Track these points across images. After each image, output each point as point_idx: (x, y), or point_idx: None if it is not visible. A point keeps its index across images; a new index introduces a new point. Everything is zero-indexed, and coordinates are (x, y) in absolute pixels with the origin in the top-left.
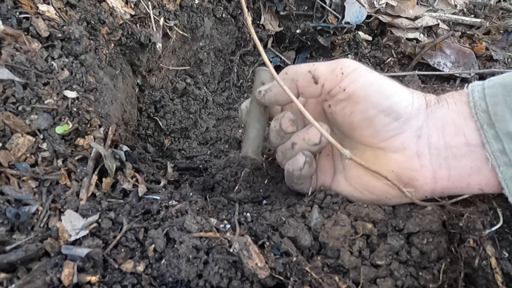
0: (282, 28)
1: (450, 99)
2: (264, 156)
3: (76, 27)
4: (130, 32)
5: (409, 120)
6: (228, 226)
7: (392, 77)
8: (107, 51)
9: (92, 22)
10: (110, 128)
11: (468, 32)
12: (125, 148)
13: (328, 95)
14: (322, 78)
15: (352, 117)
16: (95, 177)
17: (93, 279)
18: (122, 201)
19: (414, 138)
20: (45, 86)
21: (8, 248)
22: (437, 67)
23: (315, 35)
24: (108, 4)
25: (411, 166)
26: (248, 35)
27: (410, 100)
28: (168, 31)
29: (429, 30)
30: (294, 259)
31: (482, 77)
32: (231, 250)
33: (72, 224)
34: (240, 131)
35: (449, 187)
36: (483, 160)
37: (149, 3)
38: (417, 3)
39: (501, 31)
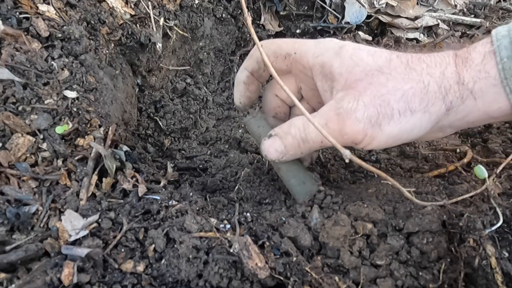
0: (282, 28)
1: (477, 85)
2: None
3: (76, 27)
4: (130, 32)
5: (429, 130)
6: (228, 226)
7: None
8: (107, 51)
9: (92, 22)
10: (110, 128)
11: (468, 32)
12: (125, 148)
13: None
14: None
15: None
16: (95, 177)
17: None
18: (122, 201)
19: (435, 131)
20: (45, 86)
21: (8, 248)
22: None
23: (315, 35)
24: (108, 4)
25: (433, 136)
26: (248, 35)
27: (427, 120)
28: (168, 31)
29: (429, 30)
30: (294, 259)
31: None
32: (231, 250)
33: (72, 224)
34: (240, 131)
35: None
36: None
37: (149, 3)
38: (417, 3)
39: None
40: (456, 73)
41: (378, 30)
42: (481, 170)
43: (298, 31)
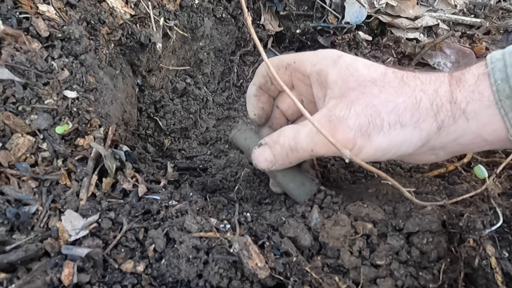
0: (282, 28)
1: (469, 106)
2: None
3: (76, 27)
4: (130, 32)
5: (419, 148)
6: (228, 226)
7: None
8: (107, 51)
9: (92, 22)
10: (110, 128)
11: (468, 32)
12: (125, 148)
13: None
14: (325, 155)
15: None
16: (95, 177)
17: None
18: (122, 201)
19: (427, 151)
20: (45, 86)
21: (8, 248)
22: (437, 67)
23: (315, 35)
24: (108, 4)
25: (427, 159)
26: (248, 35)
27: (417, 137)
28: (168, 31)
29: (429, 30)
30: (294, 259)
31: None
32: (231, 250)
33: (72, 224)
34: None
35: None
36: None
37: (149, 3)
38: (417, 3)
39: (501, 31)
40: (450, 92)
41: (378, 30)
42: (481, 170)
43: (298, 31)
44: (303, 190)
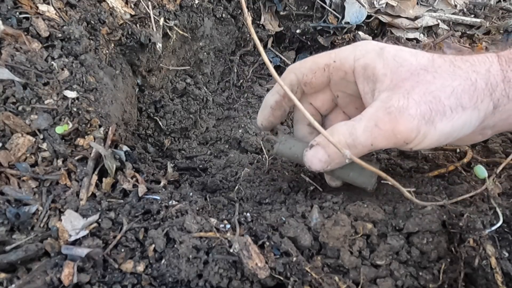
0: (282, 28)
1: None
2: (269, 152)
3: (76, 27)
4: (130, 32)
5: (475, 128)
6: (228, 226)
7: None
8: (107, 51)
9: (92, 22)
10: (110, 128)
11: (468, 32)
12: (125, 148)
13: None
14: (384, 147)
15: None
16: (95, 177)
17: None
18: (122, 201)
19: (478, 132)
20: (45, 86)
21: (8, 248)
22: None
23: (315, 35)
24: (108, 4)
25: (472, 139)
26: (248, 35)
27: (476, 117)
28: (168, 31)
29: (429, 30)
30: (294, 259)
31: None
32: (231, 250)
33: (72, 224)
34: (240, 131)
35: None
36: None
37: (149, 3)
38: (417, 3)
39: (501, 31)
40: (501, 71)
41: (378, 30)
42: (481, 170)
43: (298, 31)
44: (366, 174)
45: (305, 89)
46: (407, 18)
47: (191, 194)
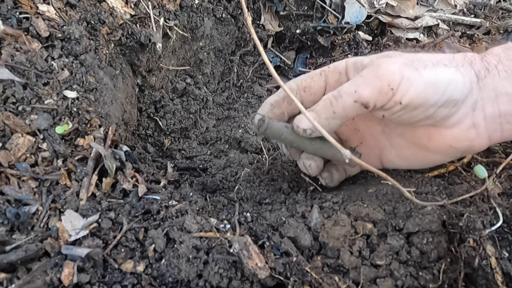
0: (282, 28)
1: (500, 65)
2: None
3: (76, 27)
4: (130, 32)
5: (465, 99)
6: (228, 226)
7: None
8: (107, 51)
9: (92, 22)
10: (110, 128)
11: (468, 32)
12: (125, 148)
13: (381, 108)
14: (371, 101)
15: (411, 119)
16: (95, 177)
17: None
18: (122, 201)
19: (470, 112)
20: (45, 86)
21: (8, 248)
22: None
23: (315, 35)
24: (108, 4)
25: (468, 137)
26: (248, 35)
27: (462, 81)
28: (168, 31)
29: (429, 30)
30: (294, 259)
31: None
32: (231, 250)
33: (72, 224)
34: (240, 131)
35: (500, 142)
36: None
37: (149, 3)
38: (417, 3)
39: (501, 31)
40: (479, 56)
41: (378, 30)
42: (481, 170)
43: (298, 31)
44: (336, 148)
45: (304, 95)
46: (407, 18)
47: (191, 194)
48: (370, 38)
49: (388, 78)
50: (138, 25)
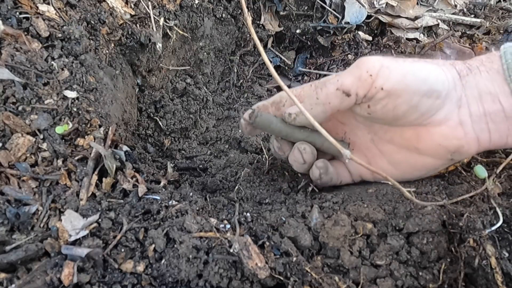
0: (282, 28)
1: (481, 67)
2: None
3: (76, 27)
4: (130, 32)
5: (449, 94)
6: (228, 226)
7: None
8: (107, 51)
9: (92, 22)
10: (110, 128)
11: (468, 32)
12: (125, 148)
13: (365, 98)
14: (353, 89)
15: (396, 110)
16: (95, 177)
17: None
18: (122, 201)
19: (455, 109)
20: (45, 86)
21: (8, 248)
22: None
23: (315, 35)
24: (108, 4)
25: (456, 135)
26: (248, 35)
27: (444, 75)
28: (168, 31)
29: (429, 30)
30: (294, 259)
31: None
32: (231, 250)
33: (72, 224)
34: (240, 131)
35: (490, 147)
36: None
37: (149, 3)
38: (417, 3)
39: (501, 31)
40: (461, 62)
41: (378, 30)
42: (481, 170)
43: (298, 31)
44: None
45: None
46: (407, 18)
47: (191, 194)
48: (370, 38)
49: (366, 66)
50: (138, 25)
